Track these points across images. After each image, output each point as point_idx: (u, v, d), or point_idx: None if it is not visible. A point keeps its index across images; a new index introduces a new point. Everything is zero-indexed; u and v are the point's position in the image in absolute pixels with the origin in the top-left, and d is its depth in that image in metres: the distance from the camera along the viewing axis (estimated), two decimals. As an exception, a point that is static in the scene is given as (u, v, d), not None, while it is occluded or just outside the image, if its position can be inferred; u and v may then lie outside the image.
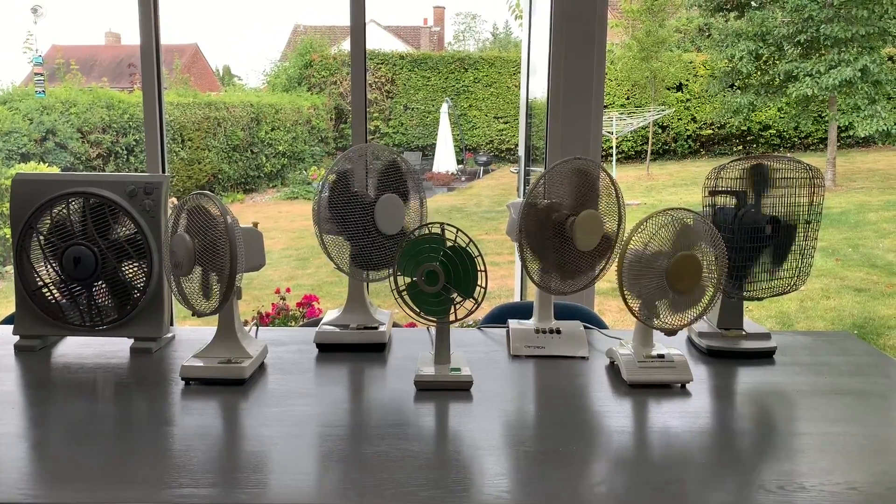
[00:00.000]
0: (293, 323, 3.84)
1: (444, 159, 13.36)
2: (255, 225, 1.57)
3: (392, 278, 1.41)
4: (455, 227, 1.38)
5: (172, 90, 12.46)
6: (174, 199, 3.61)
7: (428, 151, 14.24)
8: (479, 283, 1.38)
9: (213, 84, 20.04)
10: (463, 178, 13.42)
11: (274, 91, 14.89)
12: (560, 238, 1.56)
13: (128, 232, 1.60)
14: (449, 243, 1.38)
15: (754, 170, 1.58)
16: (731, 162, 1.59)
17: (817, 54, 11.36)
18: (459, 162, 13.88)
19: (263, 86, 16.44)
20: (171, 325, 1.76)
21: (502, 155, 14.76)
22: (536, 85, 3.39)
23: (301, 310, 3.89)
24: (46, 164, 8.31)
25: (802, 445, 1.20)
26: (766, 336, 1.65)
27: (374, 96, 14.66)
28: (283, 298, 3.93)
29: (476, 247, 1.38)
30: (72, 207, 1.59)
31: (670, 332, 1.43)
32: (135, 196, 1.60)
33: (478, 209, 10.82)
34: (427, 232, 1.40)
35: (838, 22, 10.87)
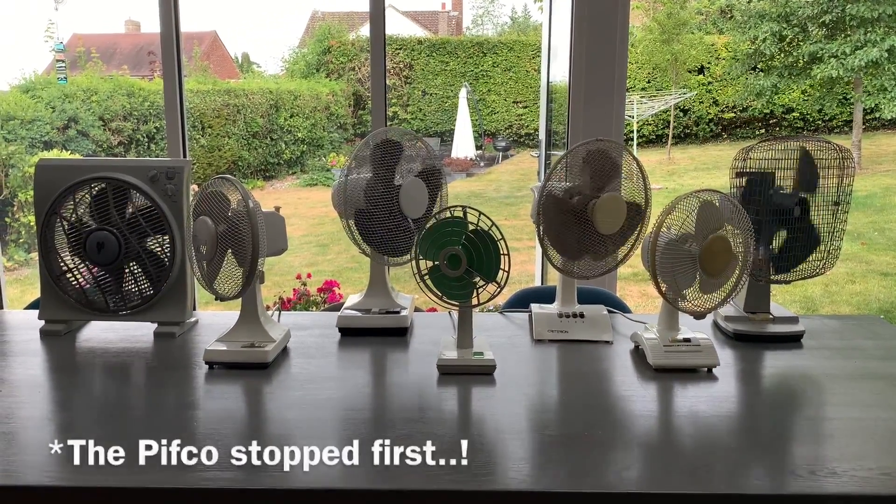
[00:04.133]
0: (314, 308, 3.85)
1: (463, 145, 13.30)
2: (277, 209, 1.57)
3: (414, 262, 1.40)
4: (477, 210, 1.37)
5: (192, 78, 12.50)
6: (195, 186, 3.62)
7: (446, 137, 14.19)
8: (501, 266, 1.37)
9: (232, 71, 20.07)
10: (482, 164, 13.36)
11: (293, 78, 14.89)
12: (581, 221, 1.54)
13: (150, 217, 1.60)
14: (471, 227, 1.37)
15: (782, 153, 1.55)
16: (760, 143, 1.56)
17: (843, 35, 11.12)
18: (478, 147, 13.82)
19: (282, 72, 16.46)
20: (194, 309, 1.77)
21: (521, 140, 14.67)
22: (557, 69, 3.36)
23: (322, 295, 3.90)
24: (69, 152, 8.39)
25: (833, 430, 1.18)
26: (794, 320, 1.62)
27: (392, 82, 14.60)
28: (304, 284, 3.95)
29: (498, 230, 1.37)
30: (94, 192, 1.59)
31: (699, 315, 1.41)
32: (157, 181, 1.61)
33: (497, 195, 10.77)
34: (449, 215, 1.38)
35: (864, 1, 10.63)
